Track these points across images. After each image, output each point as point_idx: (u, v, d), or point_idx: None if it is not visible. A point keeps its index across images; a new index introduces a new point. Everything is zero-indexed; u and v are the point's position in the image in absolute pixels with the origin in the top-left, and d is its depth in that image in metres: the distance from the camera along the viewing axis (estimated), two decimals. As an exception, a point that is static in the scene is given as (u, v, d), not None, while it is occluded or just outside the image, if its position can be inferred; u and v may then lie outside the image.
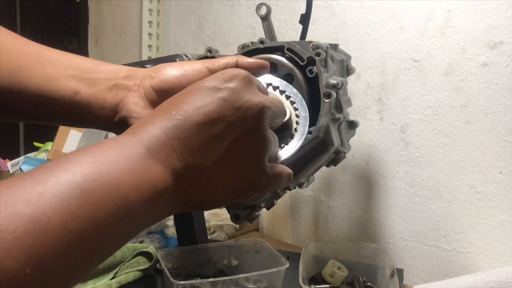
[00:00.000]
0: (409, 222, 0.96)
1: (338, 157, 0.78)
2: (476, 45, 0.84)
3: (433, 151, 0.91)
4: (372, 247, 0.83)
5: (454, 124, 0.88)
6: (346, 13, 1.02)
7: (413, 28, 0.92)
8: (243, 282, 0.73)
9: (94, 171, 0.31)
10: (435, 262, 0.92)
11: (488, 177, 0.84)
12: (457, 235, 0.89)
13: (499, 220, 0.83)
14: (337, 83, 0.67)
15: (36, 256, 0.26)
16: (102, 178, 0.31)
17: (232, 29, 1.30)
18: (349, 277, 0.81)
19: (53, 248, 0.27)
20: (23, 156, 1.40)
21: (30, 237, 0.26)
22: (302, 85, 0.68)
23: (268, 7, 0.71)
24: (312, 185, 1.06)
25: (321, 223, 1.11)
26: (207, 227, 0.99)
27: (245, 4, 1.26)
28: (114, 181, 0.31)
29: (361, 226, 1.04)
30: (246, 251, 0.85)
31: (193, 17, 1.43)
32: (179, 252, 0.82)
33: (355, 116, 0.98)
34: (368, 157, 1.01)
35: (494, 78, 0.82)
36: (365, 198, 1.02)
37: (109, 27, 1.81)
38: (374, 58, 0.98)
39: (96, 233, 0.29)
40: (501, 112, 0.82)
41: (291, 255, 0.88)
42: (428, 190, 0.92)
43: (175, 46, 1.52)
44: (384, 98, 0.97)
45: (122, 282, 0.79)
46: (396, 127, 0.96)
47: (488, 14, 0.82)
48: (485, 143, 0.84)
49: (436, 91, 0.89)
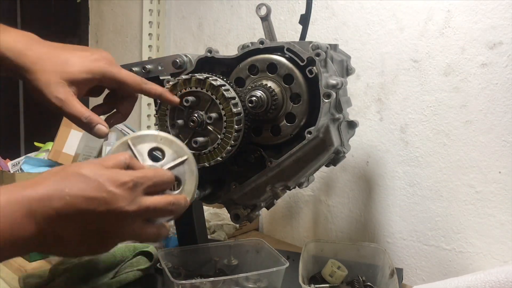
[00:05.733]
0: (409, 222, 0.96)
1: (338, 157, 0.78)
2: (476, 45, 0.84)
3: (432, 151, 0.91)
4: (372, 246, 0.84)
5: (454, 124, 0.88)
6: (346, 13, 1.02)
7: (413, 28, 0.92)
8: (243, 281, 0.73)
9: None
10: (434, 261, 0.93)
11: (487, 177, 0.84)
12: (456, 235, 0.89)
13: (499, 219, 0.84)
14: (337, 83, 0.67)
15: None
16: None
17: (232, 29, 1.30)
18: (349, 277, 0.81)
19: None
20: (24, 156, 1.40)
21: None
22: (302, 85, 0.68)
23: (268, 8, 0.71)
24: (312, 185, 1.07)
25: (321, 222, 1.11)
26: (207, 227, 0.99)
27: (245, 4, 1.26)
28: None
29: (361, 225, 1.04)
30: (246, 251, 0.85)
31: (193, 18, 1.43)
32: (179, 251, 0.82)
33: (354, 116, 0.98)
34: (368, 157, 1.01)
35: (493, 78, 0.82)
36: (364, 198, 1.03)
37: (109, 27, 1.81)
38: (374, 58, 0.98)
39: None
40: (501, 112, 0.82)
41: (291, 255, 0.88)
42: (428, 190, 0.92)
43: (175, 47, 1.52)
44: (384, 98, 0.97)
45: (123, 282, 0.79)
46: (395, 127, 0.96)
47: (487, 14, 0.82)
48: (484, 143, 0.84)
49: (435, 91, 0.90)
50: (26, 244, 0.47)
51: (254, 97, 0.67)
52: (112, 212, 0.48)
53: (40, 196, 0.46)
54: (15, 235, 0.45)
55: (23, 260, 0.95)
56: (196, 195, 0.70)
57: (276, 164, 0.69)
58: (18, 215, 0.45)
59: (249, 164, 0.73)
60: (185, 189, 0.59)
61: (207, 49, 0.73)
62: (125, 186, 0.49)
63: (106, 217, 0.48)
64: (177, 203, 0.54)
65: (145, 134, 0.60)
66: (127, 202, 0.49)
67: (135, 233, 0.52)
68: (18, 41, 0.62)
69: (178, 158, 0.59)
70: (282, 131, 0.70)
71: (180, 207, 0.55)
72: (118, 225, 0.50)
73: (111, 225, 0.49)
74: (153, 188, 0.53)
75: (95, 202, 0.47)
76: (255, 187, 0.72)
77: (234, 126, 0.64)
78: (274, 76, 0.69)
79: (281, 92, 0.69)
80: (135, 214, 0.50)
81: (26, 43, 0.63)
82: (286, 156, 0.68)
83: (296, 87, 0.68)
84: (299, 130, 0.69)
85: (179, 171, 0.59)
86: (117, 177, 0.49)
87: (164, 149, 0.59)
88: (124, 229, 0.51)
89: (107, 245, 0.52)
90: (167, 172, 0.56)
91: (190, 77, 0.66)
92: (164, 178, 0.54)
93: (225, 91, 0.64)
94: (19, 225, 0.45)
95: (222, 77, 0.68)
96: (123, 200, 0.49)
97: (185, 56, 0.74)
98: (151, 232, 0.53)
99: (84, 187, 0.48)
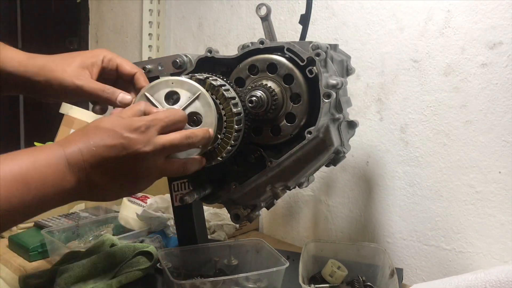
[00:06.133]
0: (409, 222, 0.96)
1: (338, 157, 0.78)
2: (476, 45, 0.84)
3: (432, 151, 0.91)
4: (372, 246, 0.84)
5: (454, 124, 0.88)
6: (346, 13, 1.02)
7: (413, 28, 0.92)
8: (243, 281, 0.73)
9: (32, 171, 0.51)
10: (434, 261, 0.93)
11: (487, 177, 0.84)
12: (456, 235, 0.89)
13: (499, 219, 0.84)
14: (337, 83, 0.67)
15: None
16: (37, 177, 0.51)
17: (232, 29, 1.30)
18: (349, 277, 0.81)
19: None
20: (24, 156, 1.40)
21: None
22: (302, 85, 0.68)
23: (268, 8, 0.71)
24: (312, 185, 1.07)
25: (321, 222, 1.11)
26: (207, 227, 0.99)
27: (245, 4, 1.26)
28: (43, 181, 0.51)
29: (361, 225, 1.04)
30: (246, 251, 0.85)
31: (193, 18, 1.43)
32: (179, 251, 0.82)
33: (354, 116, 0.98)
34: (368, 157, 1.01)
35: (493, 78, 0.82)
36: (364, 198, 1.03)
37: (109, 28, 1.81)
38: (374, 58, 0.98)
39: (21, 207, 0.50)
40: (501, 112, 0.82)
41: (291, 255, 0.88)
42: (428, 190, 0.92)
43: (175, 47, 1.52)
44: (384, 98, 0.97)
45: (123, 282, 0.79)
46: (395, 127, 0.96)
47: (487, 14, 0.82)
48: (484, 143, 0.84)
49: (435, 91, 0.90)
50: (69, 194, 0.53)
51: (254, 97, 0.67)
52: (132, 155, 0.54)
53: (72, 151, 0.53)
54: (61, 185, 0.52)
55: (23, 260, 0.95)
56: (197, 196, 0.70)
57: (276, 164, 0.69)
58: (61, 167, 0.52)
59: (249, 164, 0.73)
60: (206, 122, 0.62)
61: (207, 49, 0.73)
62: (138, 130, 0.55)
63: (128, 160, 0.54)
64: (194, 136, 0.58)
65: (158, 82, 0.64)
66: (143, 144, 0.54)
67: (161, 170, 0.57)
68: (17, 55, 0.68)
69: (192, 96, 0.62)
70: (282, 131, 0.70)
71: (198, 138, 0.59)
72: (141, 165, 0.55)
73: (135, 166, 0.55)
74: (167, 128, 0.57)
75: (115, 148, 0.54)
76: (255, 187, 0.72)
77: (234, 126, 0.64)
78: (274, 76, 0.69)
79: (281, 92, 0.69)
80: (153, 153, 0.55)
81: (26, 55, 0.68)
82: (286, 156, 0.68)
83: (296, 87, 0.68)
84: (299, 130, 0.69)
85: (196, 106, 0.62)
86: (131, 123, 0.55)
87: (178, 91, 0.63)
88: (149, 168, 0.56)
89: (139, 184, 0.58)
90: (178, 111, 0.60)
91: (190, 77, 0.66)
92: (176, 117, 0.59)
93: (225, 91, 0.64)
94: (63, 176, 0.52)
95: (222, 77, 0.68)
96: (139, 142, 0.54)
97: (185, 56, 0.74)
98: (176, 166, 0.58)
99: (104, 137, 0.54)
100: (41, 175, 0.51)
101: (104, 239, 0.87)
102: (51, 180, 0.52)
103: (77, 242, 0.99)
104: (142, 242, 0.90)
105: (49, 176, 0.51)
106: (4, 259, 0.95)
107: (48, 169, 0.52)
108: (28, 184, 0.50)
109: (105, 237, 0.88)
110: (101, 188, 0.55)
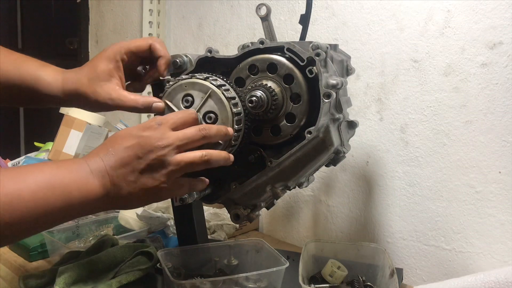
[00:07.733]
0: (409, 222, 0.96)
1: (338, 157, 0.78)
2: (476, 45, 0.84)
3: (432, 151, 0.91)
4: (372, 246, 0.84)
5: (454, 124, 0.88)
6: (346, 13, 1.02)
7: (413, 28, 0.92)
8: (243, 281, 0.73)
9: (56, 176, 0.54)
10: (434, 261, 0.93)
11: (487, 177, 0.84)
12: (456, 235, 0.89)
13: (499, 219, 0.84)
14: (337, 83, 0.67)
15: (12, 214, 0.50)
16: (60, 181, 0.54)
17: (232, 29, 1.30)
18: (349, 277, 0.81)
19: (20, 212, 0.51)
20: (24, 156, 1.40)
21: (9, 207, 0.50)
22: (302, 85, 0.68)
23: (268, 8, 0.71)
24: (312, 185, 1.07)
25: (321, 222, 1.11)
26: (207, 227, 0.99)
27: (245, 4, 1.26)
28: (67, 185, 0.54)
29: (361, 225, 1.04)
30: (246, 251, 0.85)
31: (193, 18, 1.43)
32: (179, 251, 0.82)
33: (354, 116, 0.98)
34: (368, 157, 1.01)
35: (493, 78, 0.82)
36: (364, 198, 1.03)
37: (109, 27, 1.81)
38: (374, 58, 0.98)
39: (48, 212, 0.53)
40: (501, 112, 0.82)
41: (291, 255, 0.88)
42: (428, 189, 0.92)
43: (175, 47, 1.52)
44: (384, 98, 0.97)
45: (123, 282, 0.79)
46: (395, 127, 0.96)
47: (487, 14, 0.82)
48: (484, 143, 0.84)
49: (435, 91, 0.90)
50: (94, 200, 0.56)
51: (254, 97, 0.67)
52: (148, 149, 0.57)
53: (93, 159, 0.57)
54: (85, 189, 0.55)
55: (23, 260, 0.95)
56: (196, 195, 0.70)
57: (276, 164, 0.69)
58: (84, 173, 0.56)
59: (249, 164, 0.73)
60: (221, 118, 0.64)
61: (207, 49, 0.73)
62: (151, 128, 0.58)
63: (147, 156, 0.57)
64: (208, 128, 0.61)
65: (173, 88, 0.66)
66: (157, 138, 0.57)
67: (179, 163, 0.58)
68: (54, 78, 0.71)
69: (204, 95, 0.64)
70: (282, 131, 0.70)
71: (213, 131, 0.61)
72: (159, 159, 0.57)
73: (154, 160, 0.57)
74: (178, 125, 0.60)
75: (133, 148, 0.57)
76: (255, 187, 0.72)
77: (234, 126, 0.64)
78: (274, 76, 0.69)
79: (281, 92, 0.69)
80: (168, 146, 0.57)
81: (61, 78, 0.72)
82: (286, 156, 0.68)
83: (296, 87, 0.68)
84: (299, 130, 0.69)
85: (210, 105, 0.64)
86: (143, 125, 0.59)
87: (191, 92, 0.65)
88: (168, 163, 0.58)
89: (161, 184, 0.58)
90: (187, 110, 0.63)
91: (191, 77, 0.66)
92: (185, 114, 0.61)
93: (225, 91, 0.64)
94: (87, 180, 0.55)
95: (222, 77, 0.68)
96: (153, 138, 0.57)
97: (185, 56, 0.74)
98: (194, 157, 0.59)
99: (122, 141, 0.58)
100: (64, 179, 0.54)
101: (104, 239, 0.87)
102: (75, 182, 0.55)
103: (77, 242, 0.98)
104: (142, 242, 0.90)
105: (72, 178, 0.55)
106: (4, 259, 0.95)
107: (70, 173, 0.55)
108: (53, 187, 0.53)
109: (105, 237, 0.88)
110: (126, 192, 0.57)
